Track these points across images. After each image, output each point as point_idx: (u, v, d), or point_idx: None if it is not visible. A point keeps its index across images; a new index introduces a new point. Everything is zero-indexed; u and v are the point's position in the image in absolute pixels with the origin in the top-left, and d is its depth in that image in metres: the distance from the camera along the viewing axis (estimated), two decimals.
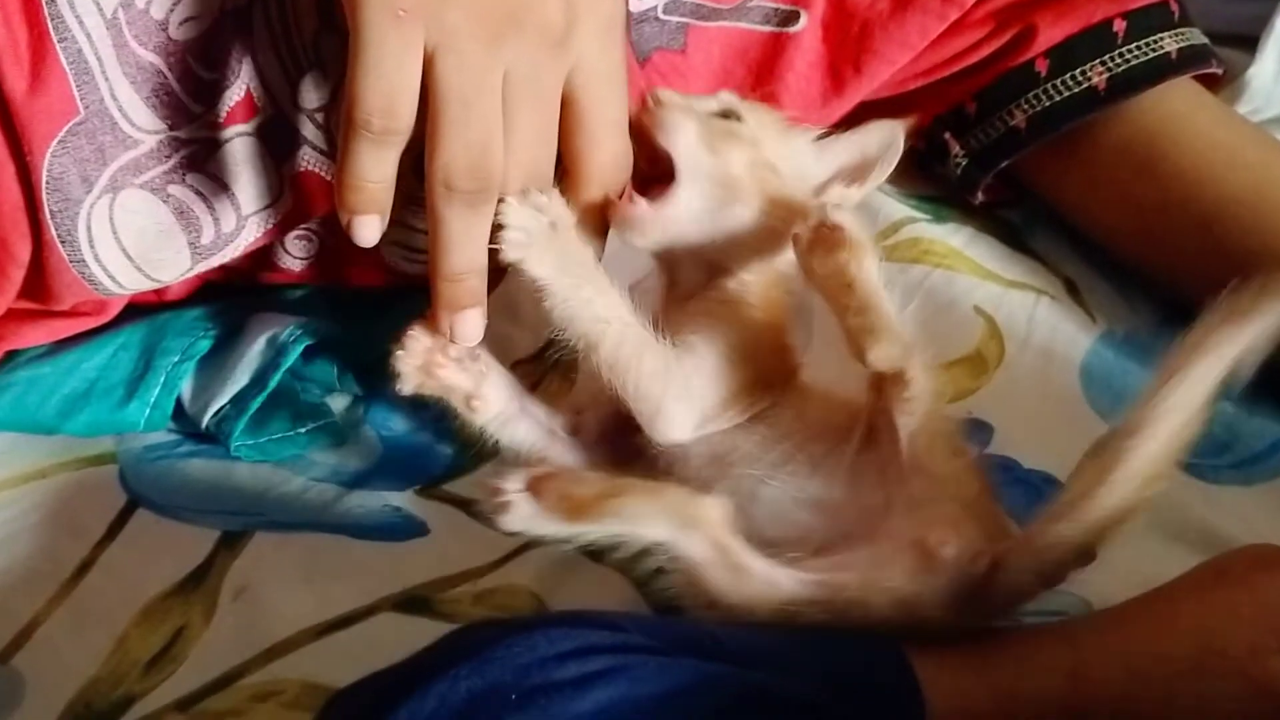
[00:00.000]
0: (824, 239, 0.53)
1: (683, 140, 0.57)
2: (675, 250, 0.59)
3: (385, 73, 0.52)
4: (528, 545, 0.62)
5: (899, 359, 0.53)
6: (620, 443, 0.61)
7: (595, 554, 0.61)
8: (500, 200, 0.55)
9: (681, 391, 0.57)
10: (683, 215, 0.57)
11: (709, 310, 0.59)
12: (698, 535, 0.51)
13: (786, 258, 0.58)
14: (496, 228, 0.55)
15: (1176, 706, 0.51)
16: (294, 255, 0.70)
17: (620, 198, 0.58)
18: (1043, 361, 0.73)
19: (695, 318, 0.59)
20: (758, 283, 0.59)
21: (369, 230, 0.55)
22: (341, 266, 0.71)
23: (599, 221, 0.58)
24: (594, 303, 0.55)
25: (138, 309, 0.70)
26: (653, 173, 0.59)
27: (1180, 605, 0.53)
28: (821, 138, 0.62)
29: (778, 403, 0.58)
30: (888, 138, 0.60)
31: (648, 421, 0.57)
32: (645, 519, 0.51)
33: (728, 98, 0.61)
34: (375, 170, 0.54)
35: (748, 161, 0.58)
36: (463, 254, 0.56)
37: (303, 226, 0.68)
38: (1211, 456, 0.70)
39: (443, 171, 0.54)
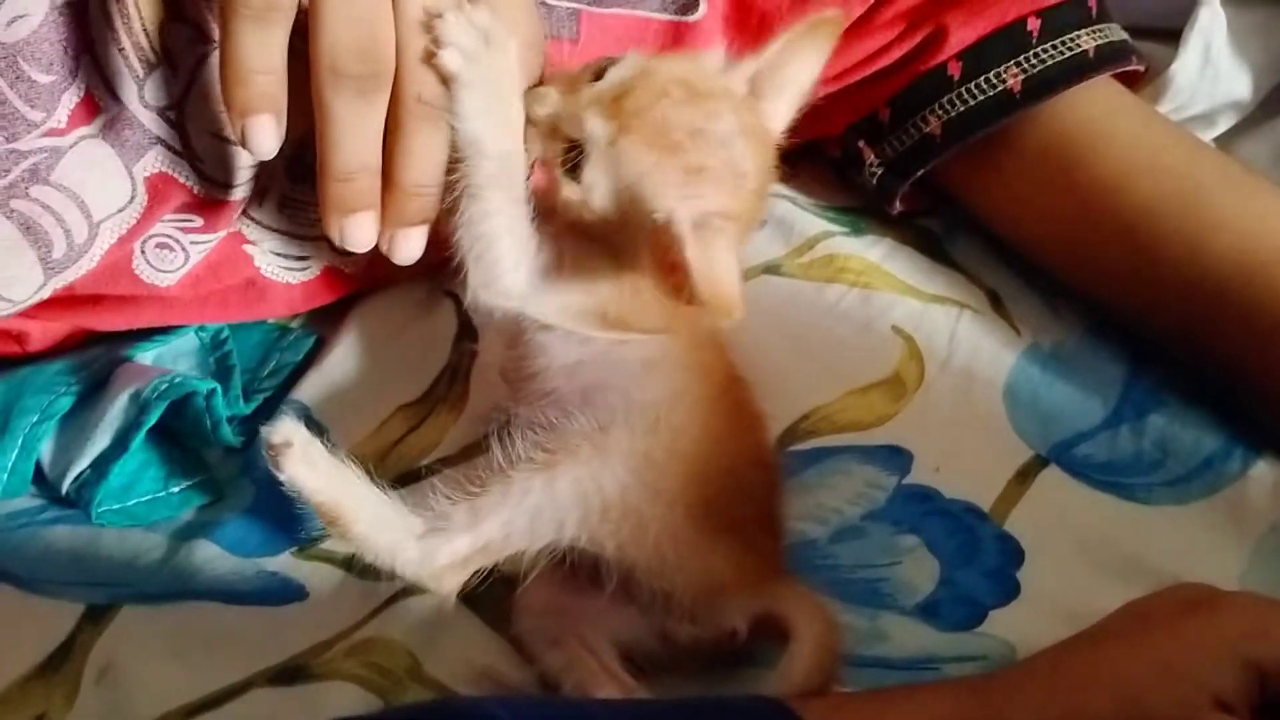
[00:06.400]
0: None
1: None
2: None
3: None
4: (400, 594, 0.59)
5: None
6: None
7: (472, 601, 0.58)
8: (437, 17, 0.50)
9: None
10: None
11: None
12: None
13: None
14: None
15: None
16: (159, 269, 0.64)
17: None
18: (965, 382, 0.70)
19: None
20: None
21: (265, 135, 0.50)
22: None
23: None
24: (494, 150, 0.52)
25: None
26: None
27: (1102, 656, 0.49)
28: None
29: None
30: None
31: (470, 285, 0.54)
32: None
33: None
34: (261, 56, 0.49)
35: None
36: (354, 149, 0.51)
37: (162, 234, 0.63)
38: (1143, 475, 0.66)
39: (328, 54, 0.49)
